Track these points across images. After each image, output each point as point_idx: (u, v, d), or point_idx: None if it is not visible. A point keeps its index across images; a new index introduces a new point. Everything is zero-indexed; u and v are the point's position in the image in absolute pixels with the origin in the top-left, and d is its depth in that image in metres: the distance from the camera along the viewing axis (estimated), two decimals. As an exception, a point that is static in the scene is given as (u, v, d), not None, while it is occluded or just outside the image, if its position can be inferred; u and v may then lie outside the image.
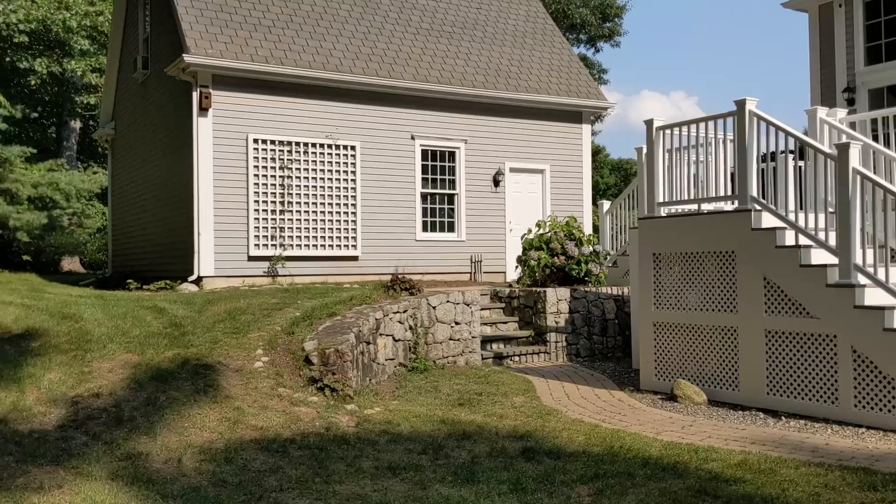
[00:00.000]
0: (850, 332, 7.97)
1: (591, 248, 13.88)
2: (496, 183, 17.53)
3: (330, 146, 15.65)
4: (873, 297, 7.99)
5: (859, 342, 7.88)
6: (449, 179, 17.05)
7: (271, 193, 15.07)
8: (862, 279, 8.05)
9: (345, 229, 15.75)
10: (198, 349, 8.75)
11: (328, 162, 15.63)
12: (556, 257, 13.74)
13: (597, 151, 44.13)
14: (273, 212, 15.07)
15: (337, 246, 15.66)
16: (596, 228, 20.30)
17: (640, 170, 11.83)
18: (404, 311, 11.05)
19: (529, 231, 14.61)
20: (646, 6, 71.10)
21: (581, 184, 18.76)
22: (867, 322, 7.83)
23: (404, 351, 11.00)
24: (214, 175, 14.64)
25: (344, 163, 15.80)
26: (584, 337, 13.09)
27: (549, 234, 14.05)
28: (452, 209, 17.10)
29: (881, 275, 7.92)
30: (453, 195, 17.10)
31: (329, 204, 15.61)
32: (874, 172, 9.42)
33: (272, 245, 15.02)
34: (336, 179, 15.71)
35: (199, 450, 6.61)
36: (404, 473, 6.17)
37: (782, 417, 8.35)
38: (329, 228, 15.59)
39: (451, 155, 17.08)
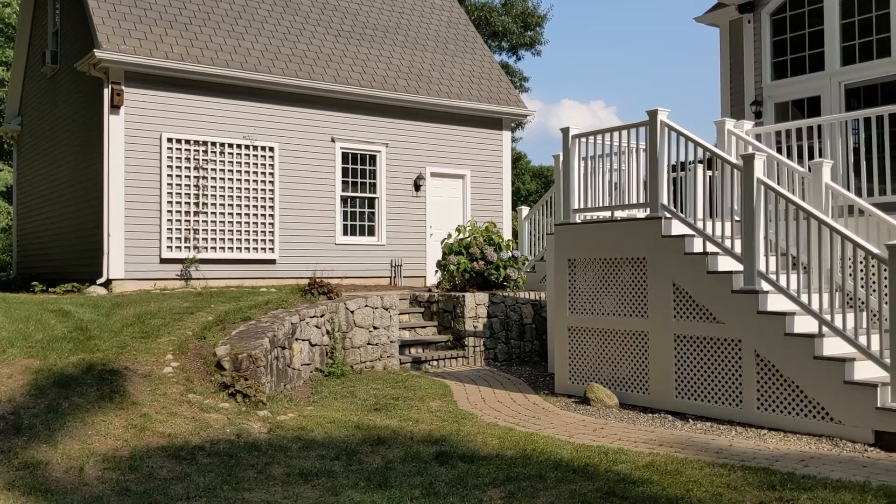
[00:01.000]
0: (753, 337, 8.25)
1: (509, 254, 14.03)
2: (417, 187, 17.54)
3: (247, 147, 15.39)
4: (776, 302, 8.30)
5: (762, 346, 8.17)
6: (370, 183, 16.98)
7: (185, 194, 14.72)
8: (765, 285, 8.36)
9: (262, 232, 15.50)
10: (104, 354, 8.46)
11: (245, 163, 15.37)
12: (475, 262, 13.83)
13: (518, 158, 44.68)
14: (187, 213, 14.71)
15: (254, 249, 15.40)
16: (515, 234, 20.55)
17: (556, 177, 12.01)
18: (322, 316, 10.93)
19: (449, 236, 14.67)
20: (567, 16, 72.45)
21: (501, 189, 18.95)
22: (770, 327, 8.13)
23: (321, 356, 10.88)
24: (126, 174, 14.21)
25: (262, 164, 15.56)
26: (502, 341, 13.20)
27: (468, 239, 14.14)
28: (373, 213, 17.03)
29: (783, 281, 8.23)
30: (374, 199, 17.03)
31: (246, 206, 15.34)
32: (778, 183, 9.79)
33: (186, 247, 14.66)
34: (253, 181, 15.45)
35: (102, 458, 6.38)
36: (316, 480, 6.09)
37: (690, 420, 8.59)
38: (245, 231, 15.32)
39: (372, 158, 17.01)
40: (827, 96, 14.03)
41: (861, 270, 7.94)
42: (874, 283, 7.96)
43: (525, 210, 15.68)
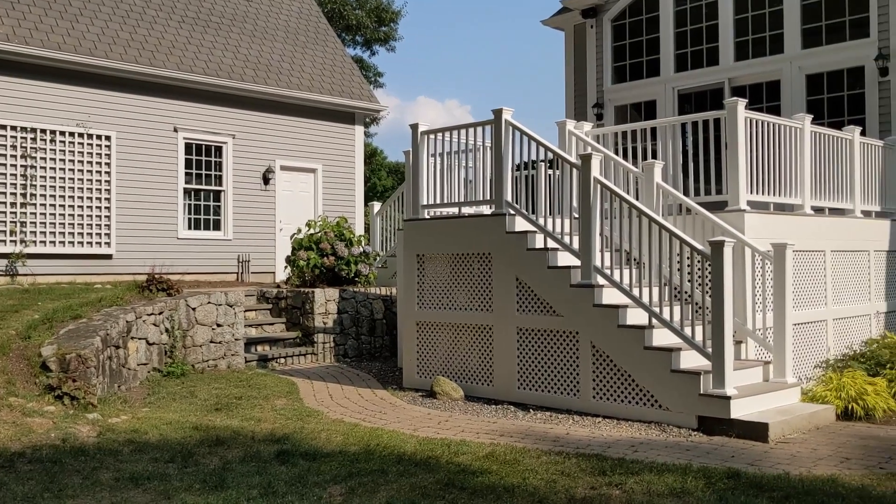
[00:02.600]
0: (590, 329, 8.60)
1: (361, 249, 13.96)
2: (266, 181, 17.15)
3: (82, 135, 14.52)
4: (610, 296, 8.69)
5: (598, 338, 8.53)
6: (216, 175, 16.44)
7: (11, 185, 13.71)
8: (601, 280, 8.73)
9: (97, 225, 14.67)
10: (-89, 357, 7.74)
11: (80, 152, 14.50)
12: (325, 258, 13.67)
13: (373, 154, 44.58)
14: (13, 205, 13.71)
15: (88, 243, 14.55)
16: (368, 229, 20.48)
17: (406, 173, 12.06)
18: (160, 313, 10.47)
19: (299, 231, 14.43)
20: (423, 14, 73.03)
21: (353, 184, 18.83)
22: (605, 319, 8.50)
23: (160, 355, 10.43)
24: (-58, 162, 13.08)
25: (97, 154, 14.72)
26: (353, 337, 13.13)
27: (319, 235, 13.95)
28: (219, 206, 16.50)
29: (617, 276, 8.62)
30: (220, 192, 16.50)
31: (80, 198, 14.47)
32: (614, 182, 10.24)
33: (11, 241, 13.66)
34: (88, 171, 14.59)
35: None
36: (148, 484, 5.82)
37: (531, 410, 8.85)
38: (79, 224, 14.45)
39: (219, 150, 16.48)
40: (662, 101, 14.86)
41: (688, 266, 8.43)
42: (699, 277, 8.48)
43: (377, 205, 15.65)
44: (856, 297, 10.78)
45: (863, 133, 11.75)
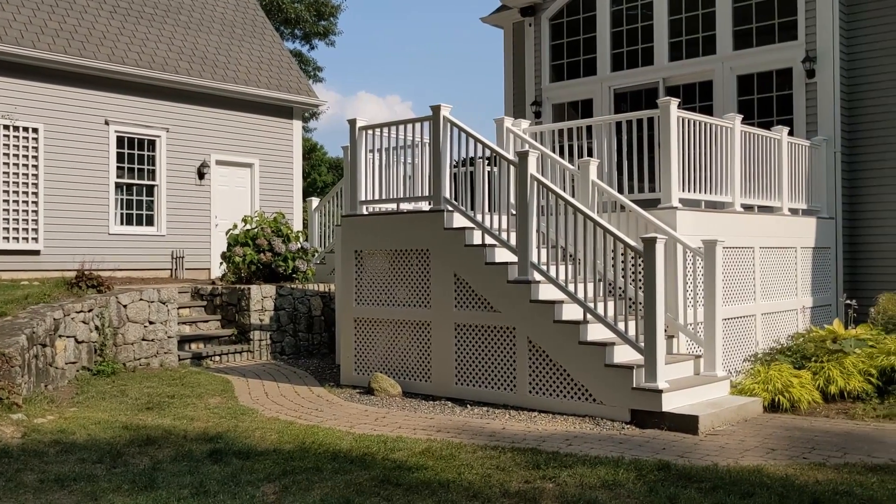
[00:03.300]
0: (527, 325, 8.68)
1: (299, 245, 13.81)
2: (201, 175, 16.84)
3: (7, 127, 14.03)
4: (547, 292, 8.77)
5: (535, 333, 8.61)
6: (149, 170, 16.07)
7: (-68, 177, 13.19)
8: (537, 276, 8.81)
9: (24, 220, 14.21)
10: None
11: (5, 144, 14.02)
12: (262, 254, 13.49)
13: (314, 149, 44.18)
14: (-66, 198, 13.19)
15: (14, 238, 14.08)
16: (306, 225, 20.27)
17: (345, 168, 11.98)
18: (90, 311, 10.20)
19: (235, 226, 14.19)
20: (362, 9, 72.63)
21: (292, 180, 18.63)
22: (541, 315, 8.58)
23: (89, 353, 10.16)
24: None
25: (24, 146, 14.25)
26: (290, 334, 12.99)
27: (255, 230, 13.76)
28: (152, 201, 16.15)
29: (553, 272, 8.71)
30: (153, 186, 16.14)
31: (5, 192, 14.00)
32: (551, 180, 10.36)
33: (-68, 236, 13.15)
34: (14, 164, 14.13)
35: None
36: (74, 485, 5.66)
37: (468, 405, 8.89)
38: (5, 219, 13.98)
39: (152, 143, 16.12)
40: (599, 99, 15.06)
41: (622, 262, 8.57)
42: (633, 273, 8.63)
43: (315, 201, 15.50)
44: (783, 292, 11.11)
45: (791, 133, 12.11)
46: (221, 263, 14.32)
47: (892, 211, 12.40)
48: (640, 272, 8.21)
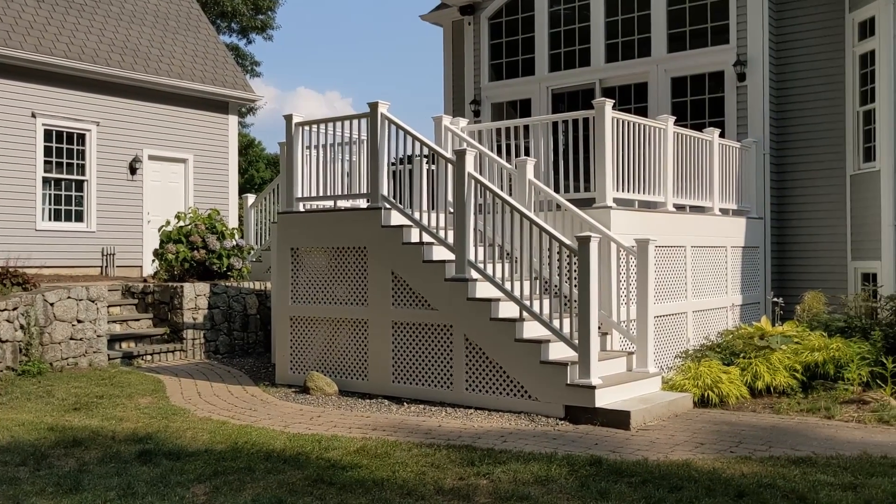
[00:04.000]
0: (464, 323, 8.70)
1: (234, 242, 13.60)
2: (133, 170, 16.45)
3: (-73, 118, 13.49)
4: (484, 290, 8.81)
5: (471, 331, 8.64)
6: (78, 164, 15.63)
7: None
8: (474, 274, 8.84)
9: (-56, 215, 13.68)
10: None
11: (-76, 136, 13.46)
12: (196, 251, 13.24)
13: (251, 145, 43.58)
14: None
15: (-67, 234, 13.55)
16: (242, 222, 19.97)
17: (281, 165, 11.83)
18: (14, 309, 9.87)
19: (168, 223, 13.90)
20: (301, 3, 71.91)
21: (227, 176, 18.33)
22: (478, 313, 8.61)
23: (14, 353, 9.83)
24: None
25: (-55, 138, 13.71)
26: (224, 333, 12.78)
27: (189, 227, 13.49)
28: (82, 197, 15.70)
29: (490, 270, 8.76)
30: (83, 182, 15.70)
31: (-75, 185, 13.45)
32: (489, 178, 10.40)
33: None
34: (-66, 157, 13.58)
35: None
36: (-6, 490, 5.47)
37: (405, 403, 8.87)
38: (-76, 214, 13.44)
39: (81, 137, 15.67)
40: (537, 99, 15.19)
41: (557, 260, 8.66)
42: (568, 271, 8.73)
43: (251, 198, 15.28)
44: (714, 290, 11.38)
45: (722, 135, 12.41)
46: (154, 261, 14.00)
47: (818, 211, 12.82)
48: (575, 270, 8.30)
